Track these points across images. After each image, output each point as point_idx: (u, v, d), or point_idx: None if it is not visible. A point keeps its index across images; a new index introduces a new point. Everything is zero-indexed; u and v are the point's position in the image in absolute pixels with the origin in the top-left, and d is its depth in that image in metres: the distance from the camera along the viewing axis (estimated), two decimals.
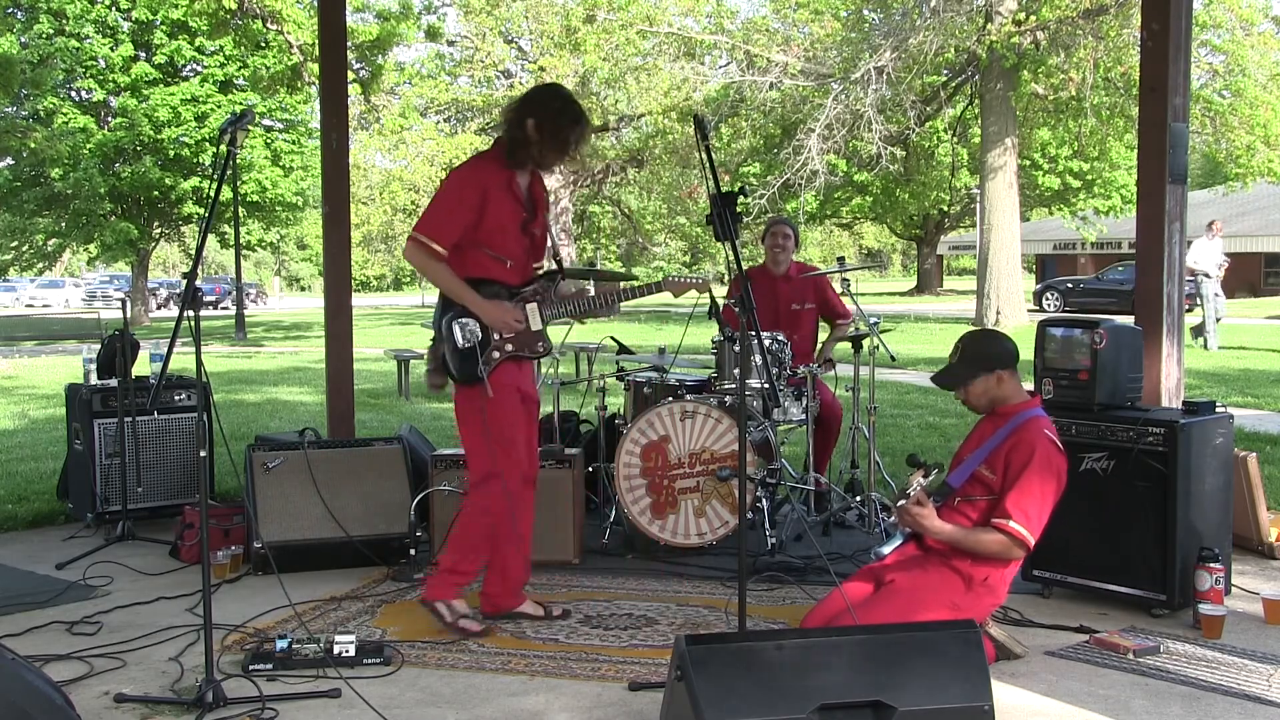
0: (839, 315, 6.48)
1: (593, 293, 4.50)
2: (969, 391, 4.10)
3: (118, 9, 29.74)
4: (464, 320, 4.21)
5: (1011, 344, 4.15)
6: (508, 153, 4.24)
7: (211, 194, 3.61)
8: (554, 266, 4.47)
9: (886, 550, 4.02)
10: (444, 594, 4.34)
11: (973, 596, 3.92)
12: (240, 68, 29.40)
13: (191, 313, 3.59)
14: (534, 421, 4.52)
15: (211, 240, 36.04)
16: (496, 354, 4.23)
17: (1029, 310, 27.05)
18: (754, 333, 3.77)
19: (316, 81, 9.54)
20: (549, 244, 4.48)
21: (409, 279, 63.58)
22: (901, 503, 3.83)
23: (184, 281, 3.69)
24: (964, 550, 3.89)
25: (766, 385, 5.36)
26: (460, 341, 4.20)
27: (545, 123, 4.18)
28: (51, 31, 28.87)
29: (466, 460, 4.37)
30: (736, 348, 5.45)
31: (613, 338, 7.52)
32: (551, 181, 38.09)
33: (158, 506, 6.13)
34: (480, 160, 4.31)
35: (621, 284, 4.68)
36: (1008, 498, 3.88)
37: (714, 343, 5.79)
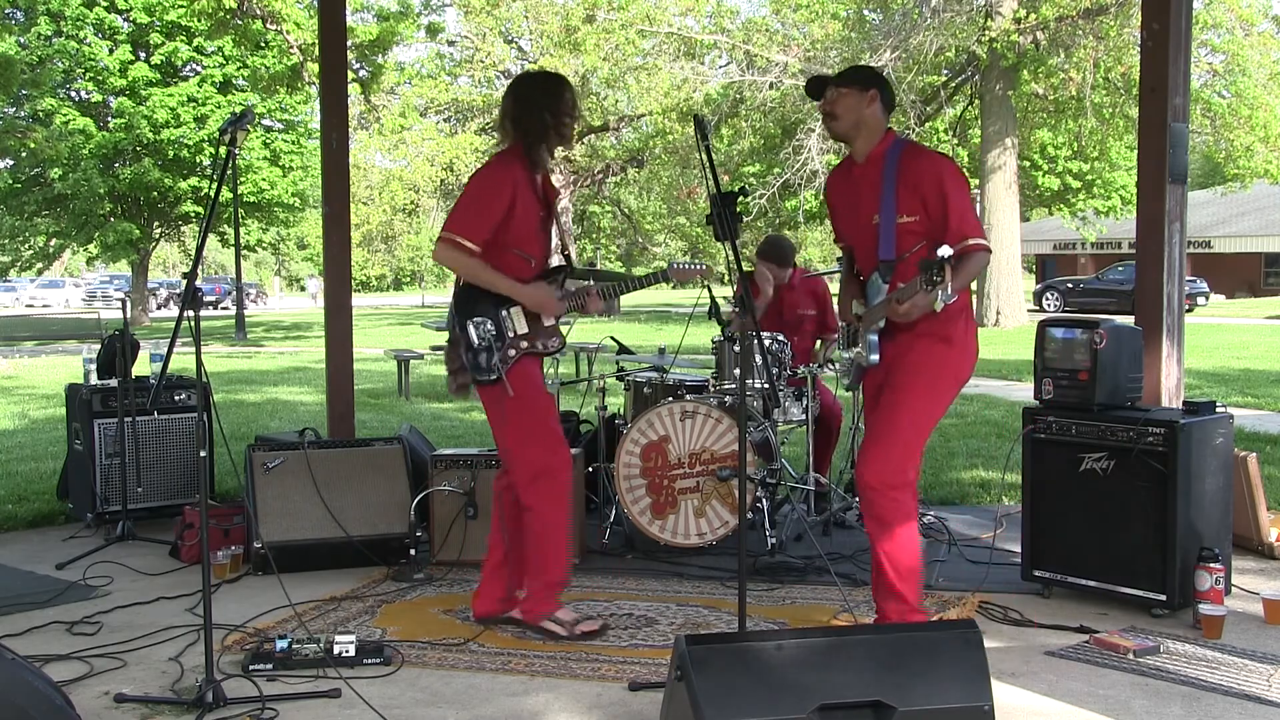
0: (830, 330, 6.48)
1: (599, 286, 4.47)
2: (840, 101, 3.98)
3: (115, 10, 29.73)
4: (479, 319, 4.18)
5: (891, 84, 4.13)
6: (529, 150, 4.22)
7: (211, 194, 3.61)
8: (561, 262, 4.44)
9: (876, 356, 4.02)
10: (547, 607, 4.27)
11: (958, 351, 3.98)
12: (240, 68, 29.40)
13: (191, 313, 3.58)
14: None
15: (211, 240, 36.06)
16: (512, 351, 4.19)
17: (1029, 310, 27.08)
18: (754, 332, 3.77)
19: (316, 81, 9.54)
20: (557, 241, 4.49)
21: (409, 279, 63.54)
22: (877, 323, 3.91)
23: (184, 281, 3.69)
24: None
25: (766, 385, 5.36)
26: (476, 341, 4.17)
27: (537, 108, 4.20)
28: (50, 33, 28.87)
29: (508, 466, 4.29)
30: (736, 348, 5.45)
31: (613, 338, 7.54)
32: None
33: (158, 506, 6.13)
34: (505, 159, 4.25)
35: (627, 277, 4.64)
36: (951, 224, 3.84)
37: (714, 343, 5.79)
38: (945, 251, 3.57)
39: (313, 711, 3.61)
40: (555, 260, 4.46)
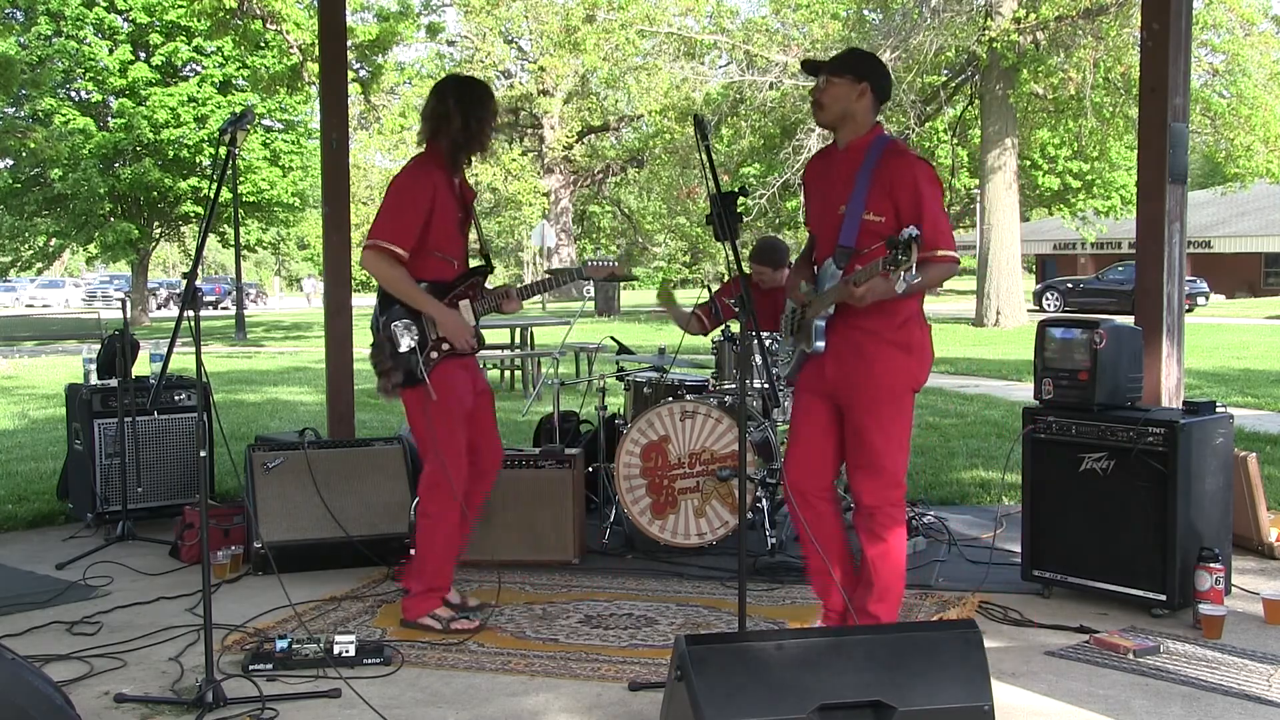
0: None
1: (517, 286, 4.58)
2: (829, 90, 3.92)
3: (115, 10, 29.73)
4: (404, 321, 4.26)
5: (889, 74, 4.07)
6: (449, 154, 4.33)
7: (211, 194, 3.61)
8: (481, 263, 4.53)
9: (821, 344, 3.92)
10: (427, 607, 4.40)
11: (916, 360, 3.94)
12: (240, 68, 29.39)
13: (191, 313, 3.59)
14: (490, 413, 4.57)
15: (211, 240, 36.03)
16: (435, 354, 4.28)
17: (1029, 310, 27.07)
18: (752, 329, 3.76)
19: (316, 81, 9.53)
20: (478, 241, 4.58)
21: None
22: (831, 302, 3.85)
23: (184, 281, 3.69)
24: (909, 296, 3.79)
25: (766, 385, 5.36)
26: (401, 344, 4.24)
27: (474, 112, 4.30)
28: (50, 33, 28.86)
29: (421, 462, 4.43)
30: (737, 347, 5.45)
31: (613, 338, 7.53)
32: (551, 181, 38.22)
33: (158, 506, 6.13)
34: (424, 163, 4.34)
35: (545, 275, 4.74)
36: (924, 230, 3.72)
37: (714, 343, 5.79)
38: (912, 230, 3.48)
39: (313, 711, 3.61)
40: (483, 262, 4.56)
